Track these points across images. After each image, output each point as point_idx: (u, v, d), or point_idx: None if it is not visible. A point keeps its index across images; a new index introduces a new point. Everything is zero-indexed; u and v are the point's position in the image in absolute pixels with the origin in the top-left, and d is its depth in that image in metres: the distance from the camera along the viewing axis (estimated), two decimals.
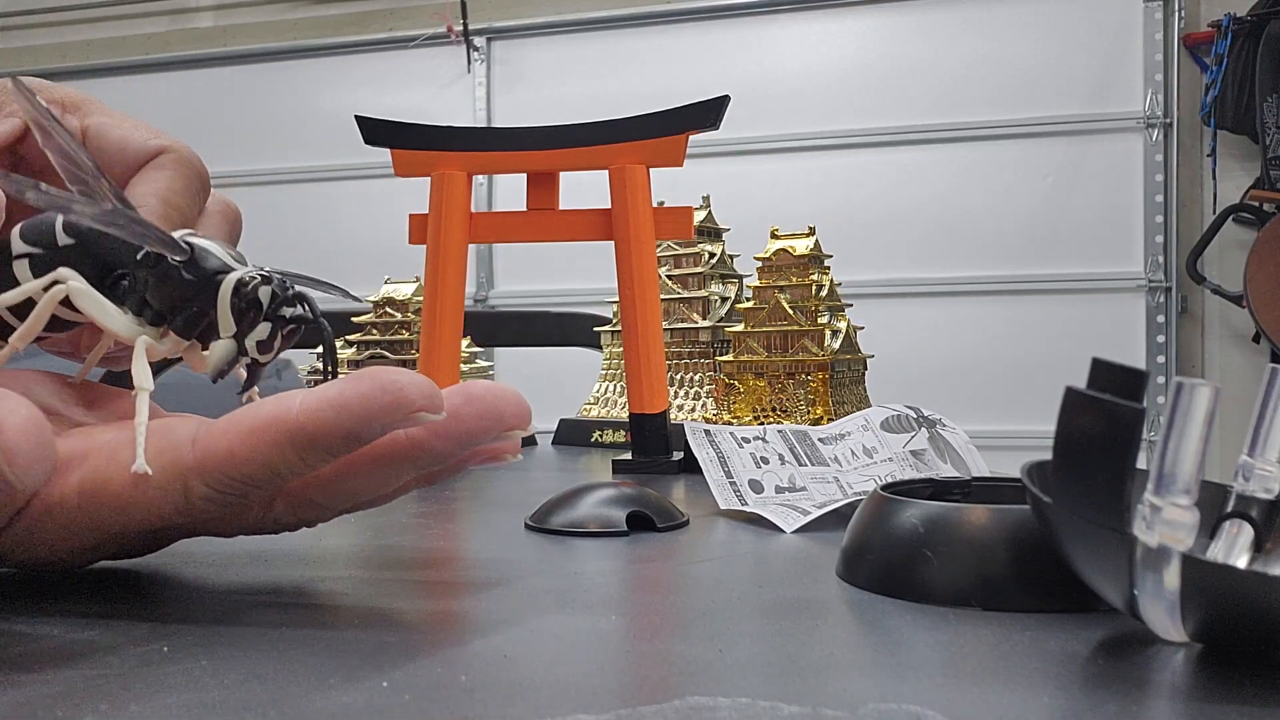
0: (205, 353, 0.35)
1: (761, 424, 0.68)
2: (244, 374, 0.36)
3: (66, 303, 0.34)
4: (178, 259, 0.34)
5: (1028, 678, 0.25)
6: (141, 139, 0.41)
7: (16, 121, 0.41)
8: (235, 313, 0.34)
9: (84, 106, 0.43)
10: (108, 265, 0.35)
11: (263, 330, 0.34)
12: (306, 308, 0.34)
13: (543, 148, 0.69)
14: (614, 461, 0.69)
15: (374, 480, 0.30)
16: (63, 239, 0.35)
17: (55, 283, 0.34)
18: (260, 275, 0.34)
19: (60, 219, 0.35)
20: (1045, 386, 2.41)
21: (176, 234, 0.34)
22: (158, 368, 0.36)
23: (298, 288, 0.35)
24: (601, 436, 0.86)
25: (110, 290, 0.35)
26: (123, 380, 0.40)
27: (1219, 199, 2.50)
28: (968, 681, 0.25)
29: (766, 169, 2.76)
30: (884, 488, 0.37)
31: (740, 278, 0.87)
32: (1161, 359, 2.54)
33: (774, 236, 0.77)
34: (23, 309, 0.35)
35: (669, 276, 0.85)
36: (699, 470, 0.53)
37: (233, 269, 0.34)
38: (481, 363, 0.89)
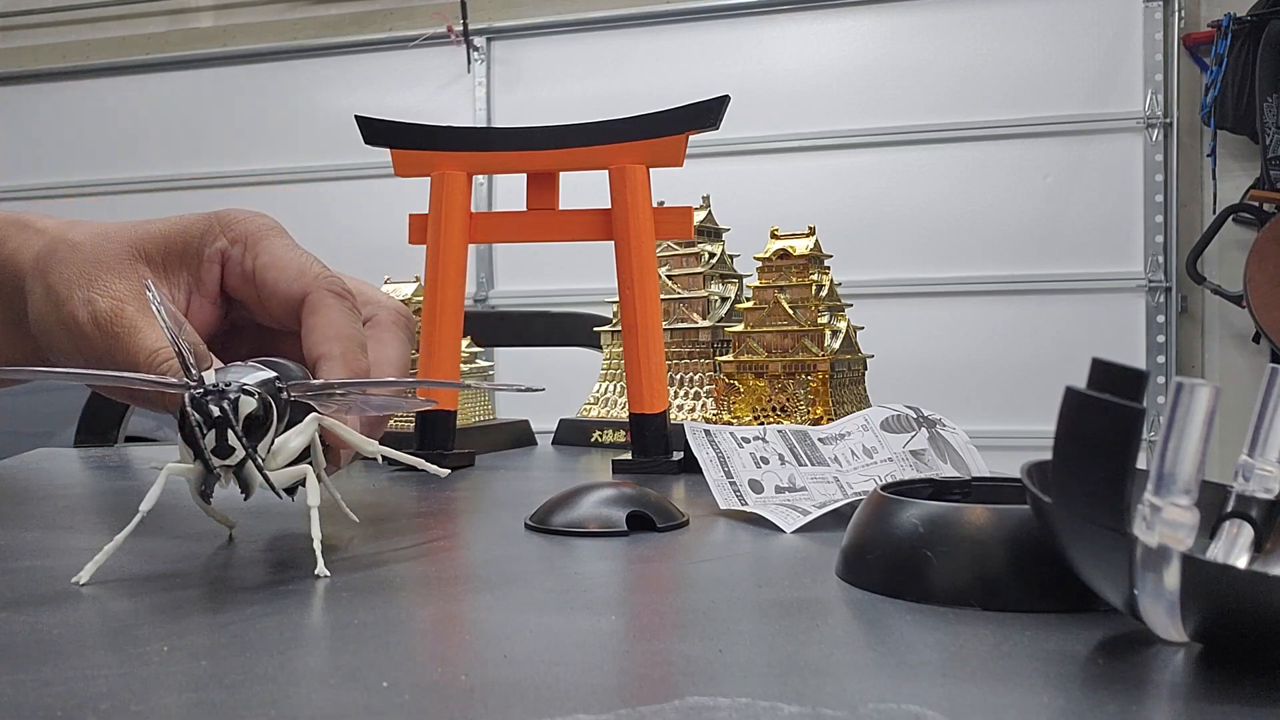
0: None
1: (761, 424, 0.68)
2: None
3: None
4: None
5: (1028, 678, 0.25)
6: (287, 284, 0.44)
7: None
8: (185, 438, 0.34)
9: (259, 245, 0.45)
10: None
11: (210, 438, 0.33)
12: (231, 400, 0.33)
13: (543, 148, 0.69)
14: (614, 461, 0.69)
15: None
16: None
17: None
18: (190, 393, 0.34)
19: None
20: (1045, 386, 2.41)
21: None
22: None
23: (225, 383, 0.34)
24: (601, 436, 0.86)
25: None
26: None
27: (1219, 199, 2.50)
28: (968, 681, 0.25)
29: (766, 169, 2.76)
30: (884, 488, 0.37)
31: (740, 278, 0.87)
32: (1161, 359, 2.54)
33: (774, 236, 0.77)
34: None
35: (669, 276, 0.85)
36: (699, 470, 0.53)
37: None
38: (481, 363, 0.88)
